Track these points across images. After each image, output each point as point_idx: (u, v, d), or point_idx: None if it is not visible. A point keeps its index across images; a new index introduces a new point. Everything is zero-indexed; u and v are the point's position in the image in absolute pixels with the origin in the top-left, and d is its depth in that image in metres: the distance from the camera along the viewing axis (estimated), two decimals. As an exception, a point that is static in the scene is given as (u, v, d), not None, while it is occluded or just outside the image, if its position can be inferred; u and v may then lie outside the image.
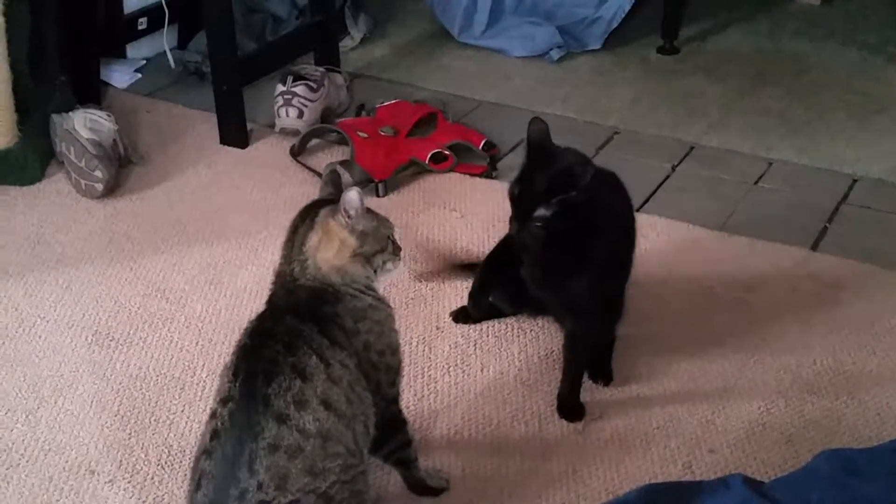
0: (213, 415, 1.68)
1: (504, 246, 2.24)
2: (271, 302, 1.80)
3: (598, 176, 2.02)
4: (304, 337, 1.70)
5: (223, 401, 1.67)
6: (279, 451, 1.62)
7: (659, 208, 2.86)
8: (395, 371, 1.86)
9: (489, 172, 3.03)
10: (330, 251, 1.76)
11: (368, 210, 1.81)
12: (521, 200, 2.02)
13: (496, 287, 2.33)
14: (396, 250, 1.86)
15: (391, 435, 1.87)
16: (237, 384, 1.66)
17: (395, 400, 1.88)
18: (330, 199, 1.82)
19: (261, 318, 1.77)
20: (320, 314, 1.74)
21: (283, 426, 1.63)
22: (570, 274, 2.11)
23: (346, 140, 3.05)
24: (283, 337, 1.70)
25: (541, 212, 1.99)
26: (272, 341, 1.69)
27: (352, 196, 1.74)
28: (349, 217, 1.76)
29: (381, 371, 1.81)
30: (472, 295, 2.30)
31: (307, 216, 1.79)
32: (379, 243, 1.81)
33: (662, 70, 3.72)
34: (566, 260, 2.09)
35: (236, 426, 1.64)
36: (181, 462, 2.05)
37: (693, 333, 2.40)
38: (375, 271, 1.82)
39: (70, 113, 3.02)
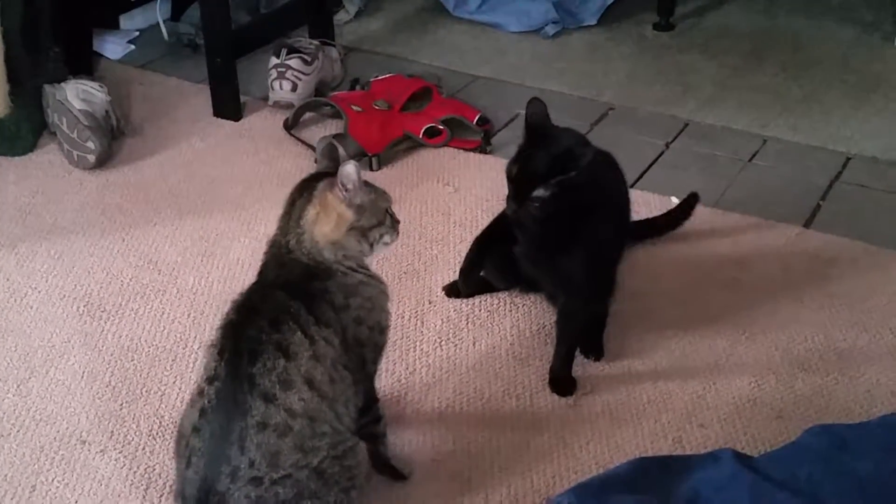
0: (200, 392, 1.68)
1: (496, 224, 2.24)
2: (262, 273, 1.80)
3: (594, 156, 2.02)
4: (291, 313, 1.69)
5: (209, 379, 1.67)
6: (268, 430, 1.63)
7: (652, 185, 2.86)
8: (380, 349, 1.86)
9: (483, 147, 3.03)
10: (327, 225, 1.76)
11: (366, 183, 1.80)
12: (520, 180, 2.01)
13: (487, 265, 2.33)
14: (394, 223, 1.86)
15: (365, 411, 1.85)
16: (222, 363, 1.67)
17: (372, 377, 1.88)
18: (327, 173, 1.82)
19: (249, 291, 1.77)
20: (310, 290, 1.73)
21: (271, 405, 1.64)
22: (566, 253, 2.11)
23: (340, 113, 3.04)
24: (269, 313, 1.69)
25: (539, 192, 1.98)
26: (258, 317, 1.69)
27: (349, 170, 1.74)
28: (346, 191, 1.75)
29: (367, 347, 1.81)
30: (463, 272, 2.30)
31: (305, 190, 1.79)
32: (376, 217, 1.81)
33: (658, 46, 3.71)
34: (562, 239, 2.09)
35: (223, 405, 1.64)
36: (172, 433, 2.03)
37: (685, 310, 2.41)
38: (372, 245, 1.81)
39: (62, 84, 3.01)
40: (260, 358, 1.65)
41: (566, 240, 2.10)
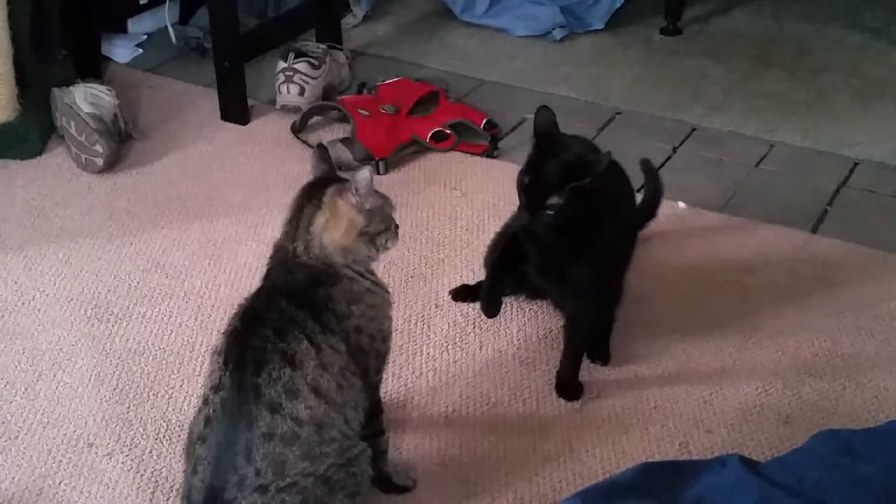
0: (206, 401, 1.69)
1: (508, 245, 2.22)
2: (268, 279, 1.79)
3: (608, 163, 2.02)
4: (297, 322, 1.69)
5: (214, 388, 1.68)
6: (275, 439, 1.64)
7: (660, 189, 2.86)
8: (382, 358, 1.86)
9: (490, 151, 3.03)
10: (338, 231, 1.76)
11: (374, 189, 1.81)
12: (533, 189, 2.01)
13: (507, 286, 2.32)
14: (396, 229, 1.86)
15: (368, 422, 1.83)
16: (227, 372, 1.67)
17: (377, 388, 1.88)
18: (331, 178, 1.82)
19: (255, 296, 1.77)
20: (315, 298, 1.73)
21: (277, 415, 1.64)
22: (577, 261, 2.11)
23: (348, 117, 3.04)
24: (274, 321, 1.69)
25: (554, 199, 1.98)
26: (262, 326, 1.69)
27: (364, 175, 1.75)
28: (359, 195, 1.75)
29: (370, 356, 1.81)
30: (485, 297, 2.28)
31: (313, 196, 1.78)
32: (384, 222, 1.81)
33: (665, 51, 3.71)
34: (573, 247, 2.09)
35: (228, 415, 1.65)
36: (179, 436, 2.05)
37: (692, 314, 2.40)
38: (378, 250, 1.82)
39: (71, 87, 3.02)
40: (265, 368, 1.65)
41: (578, 248, 2.09)
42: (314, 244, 1.76)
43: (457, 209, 2.78)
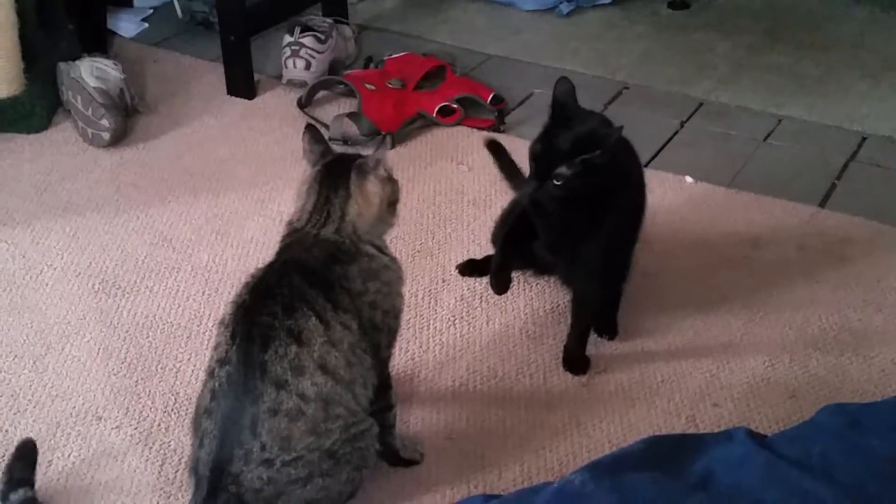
0: (212, 374, 1.69)
1: (518, 223, 2.22)
2: (282, 253, 1.79)
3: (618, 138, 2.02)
4: (307, 299, 1.69)
5: (220, 361, 1.68)
6: (280, 415, 1.64)
7: (667, 164, 2.85)
8: (393, 334, 1.87)
9: (497, 126, 3.02)
10: (371, 211, 1.79)
11: None
12: (543, 158, 2.00)
13: (516, 262, 2.31)
14: None
15: (377, 397, 1.83)
16: (234, 347, 1.67)
17: (387, 363, 1.88)
18: (344, 159, 1.82)
19: (268, 270, 1.76)
20: (330, 276, 1.73)
21: (283, 391, 1.64)
22: (585, 237, 2.10)
23: (354, 92, 3.04)
24: (284, 297, 1.69)
25: (562, 170, 1.97)
26: (272, 301, 1.69)
27: (386, 148, 1.78)
28: (384, 168, 1.78)
29: (382, 332, 1.82)
30: (494, 274, 2.25)
31: (338, 186, 1.78)
32: (398, 189, 1.84)
33: (672, 25, 3.69)
34: (581, 222, 2.08)
35: (234, 390, 1.65)
36: (187, 409, 2.05)
37: (699, 289, 2.40)
38: (395, 216, 1.85)
39: (77, 61, 3.02)
40: (272, 344, 1.65)
41: (586, 223, 2.09)
42: (346, 227, 1.77)
43: (463, 184, 2.78)
